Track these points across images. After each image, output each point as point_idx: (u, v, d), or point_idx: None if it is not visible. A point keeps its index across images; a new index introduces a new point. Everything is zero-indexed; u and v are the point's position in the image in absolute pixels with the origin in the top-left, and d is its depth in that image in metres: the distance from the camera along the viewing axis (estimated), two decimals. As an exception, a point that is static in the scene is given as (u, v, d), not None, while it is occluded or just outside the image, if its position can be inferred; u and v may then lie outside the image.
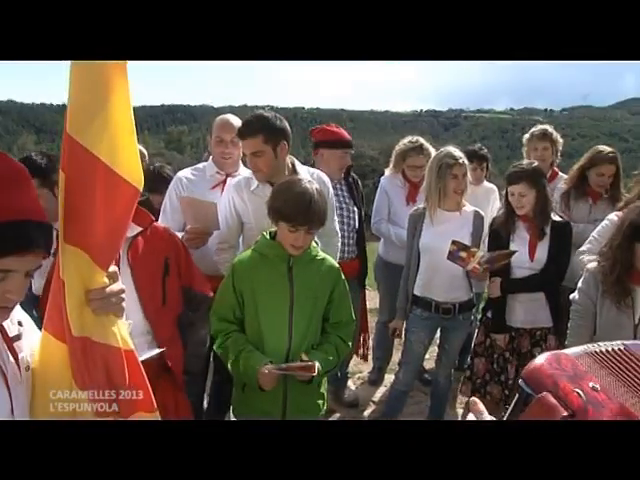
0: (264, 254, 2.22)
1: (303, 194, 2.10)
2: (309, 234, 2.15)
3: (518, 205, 2.89)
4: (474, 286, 3.13)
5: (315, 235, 2.24)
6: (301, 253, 2.19)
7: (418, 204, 3.27)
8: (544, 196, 2.88)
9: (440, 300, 3.00)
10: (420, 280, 3.04)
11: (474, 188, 3.41)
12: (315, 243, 2.30)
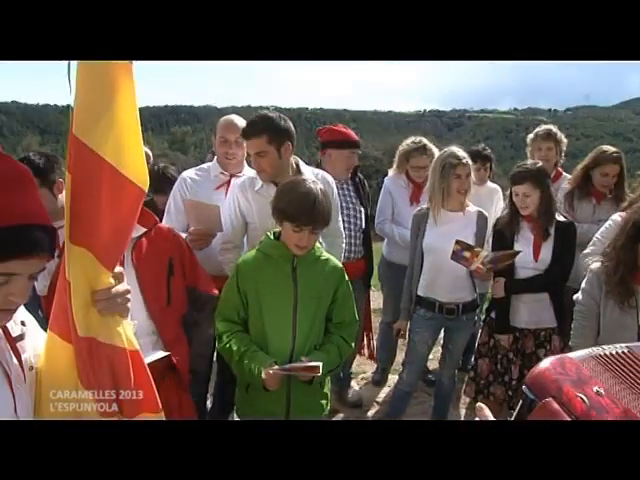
0: (268, 254, 2.22)
1: (307, 194, 2.10)
2: (313, 234, 2.16)
3: (522, 205, 2.89)
4: (478, 286, 3.12)
5: (319, 235, 2.24)
6: (305, 253, 2.19)
7: (422, 204, 3.27)
8: (548, 196, 2.88)
9: (444, 300, 2.99)
10: (424, 280, 3.04)
11: (478, 188, 3.40)
12: (319, 244, 2.30)
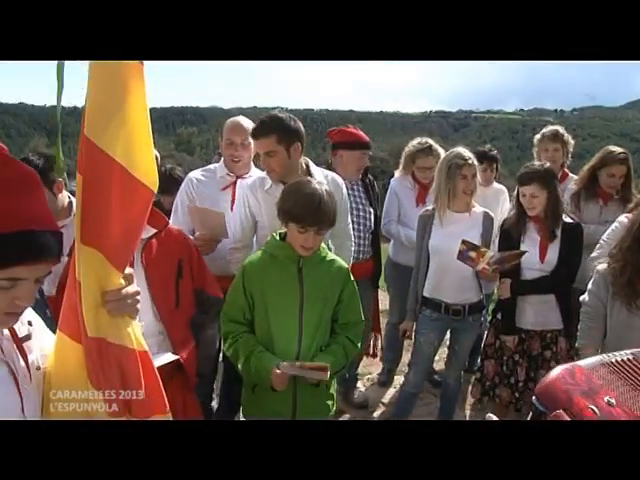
0: (274, 255, 2.22)
1: (312, 195, 2.10)
2: (319, 235, 2.16)
3: (529, 206, 2.88)
4: (484, 287, 3.11)
5: (324, 236, 2.23)
6: (311, 254, 2.19)
7: (428, 205, 3.26)
8: (555, 197, 2.87)
9: (450, 301, 2.99)
10: (430, 281, 3.03)
11: (484, 189, 3.40)
12: (326, 246, 2.30)
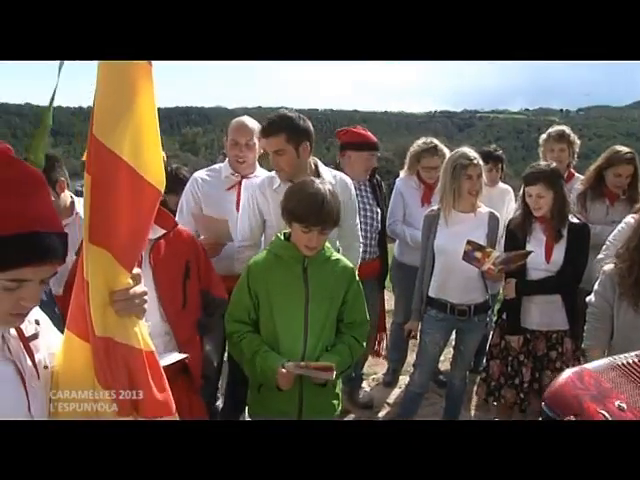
0: (279, 255, 2.22)
1: (315, 194, 2.10)
2: (322, 234, 2.15)
3: (535, 206, 2.87)
4: (489, 287, 3.10)
5: (328, 235, 2.22)
6: (315, 254, 2.19)
7: (433, 205, 3.25)
8: (562, 197, 2.86)
9: (455, 302, 2.98)
10: (435, 281, 3.03)
11: (489, 189, 3.38)
12: (329, 246, 2.29)
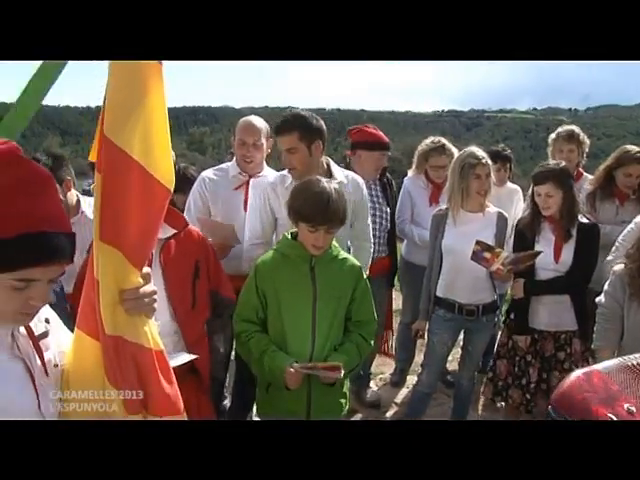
0: (286, 254, 2.22)
1: (321, 193, 2.10)
2: (329, 233, 2.15)
3: (544, 206, 2.85)
4: (497, 287, 3.09)
5: (335, 234, 2.21)
6: (322, 253, 2.19)
7: (441, 205, 3.24)
8: (571, 197, 2.84)
9: (463, 302, 2.97)
10: (443, 281, 3.02)
11: (497, 189, 3.37)
12: (337, 245, 2.29)
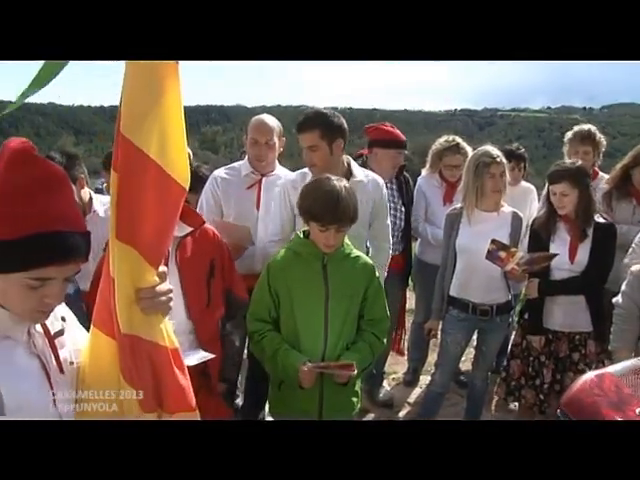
0: (298, 252, 2.22)
1: (330, 192, 2.09)
2: (340, 232, 2.14)
3: (559, 205, 2.82)
4: (512, 287, 3.06)
5: (346, 232, 2.20)
6: (333, 251, 2.19)
7: (455, 204, 3.23)
8: (587, 196, 2.81)
9: (477, 301, 2.95)
10: (457, 281, 3.00)
11: (512, 188, 3.34)
12: (349, 243, 2.28)
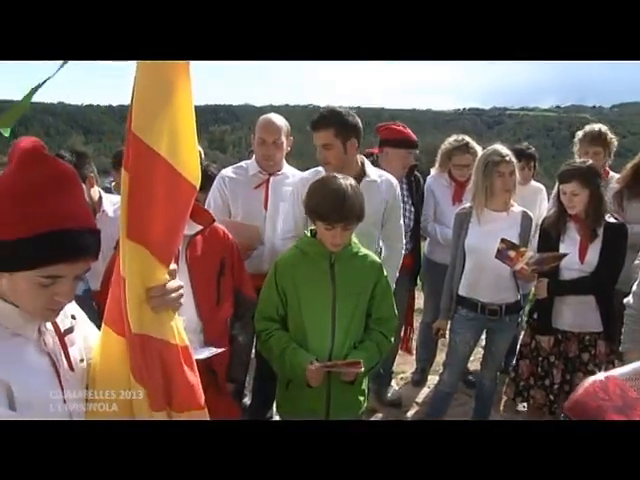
0: (305, 251, 2.22)
1: (336, 191, 2.09)
2: (346, 230, 2.14)
3: (569, 204, 2.80)
4: (521, 287, 3.05)
5: (353, 230, 2.19)
6: (341, 250, 2.18)
7: (464, 203, 3.21)
8: (598, 196, 2.78)
9: (486, 301, 2.93)
10: (466, 280, 2.99)
11: (521, 188, 3.32)
12: (357, 241, 2.27)
